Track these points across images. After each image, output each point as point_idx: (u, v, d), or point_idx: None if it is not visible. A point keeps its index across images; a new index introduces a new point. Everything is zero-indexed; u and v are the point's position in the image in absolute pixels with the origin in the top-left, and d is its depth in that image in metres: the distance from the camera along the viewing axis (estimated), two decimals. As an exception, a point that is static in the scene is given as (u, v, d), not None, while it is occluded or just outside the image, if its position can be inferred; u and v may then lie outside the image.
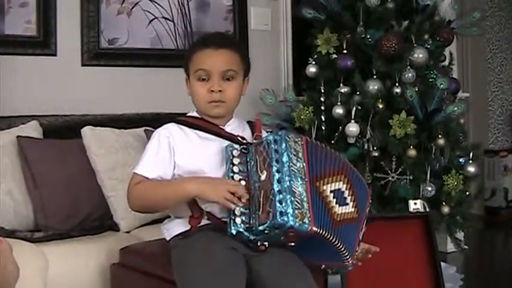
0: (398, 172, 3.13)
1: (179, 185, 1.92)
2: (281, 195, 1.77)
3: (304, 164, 1.84)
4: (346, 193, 1.90)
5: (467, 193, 3.32)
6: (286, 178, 1.78)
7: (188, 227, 1.94)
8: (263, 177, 1.82)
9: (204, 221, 1.94)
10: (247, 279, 1.83)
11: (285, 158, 1.81)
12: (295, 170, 1.81)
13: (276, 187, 1.78)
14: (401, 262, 2.67)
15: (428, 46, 3.32)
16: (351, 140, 3.18)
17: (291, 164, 1.81)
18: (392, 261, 2.65)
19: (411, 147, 3.14)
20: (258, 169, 1.85)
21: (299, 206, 1.76)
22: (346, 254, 1.87)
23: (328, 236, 1.80)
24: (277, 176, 1.79)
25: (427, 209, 2.82)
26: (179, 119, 2.05)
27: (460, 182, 3.16)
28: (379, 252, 2.12)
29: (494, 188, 5.47)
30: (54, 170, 2.78)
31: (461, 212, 3.29)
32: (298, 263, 1.92)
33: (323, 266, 2.05)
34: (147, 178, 1.93)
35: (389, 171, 3.14)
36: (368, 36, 3.26)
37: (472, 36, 4.00)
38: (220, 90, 1.97)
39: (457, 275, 3.50)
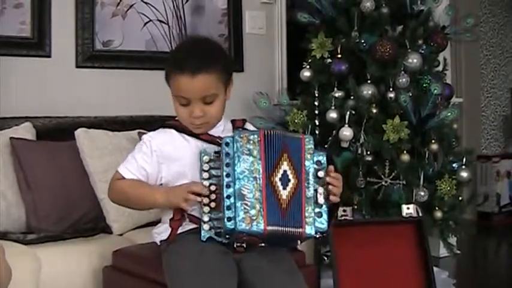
0: (391, 177, 3.14)
1: (150, 193, 1.95)
2: (229, 201, 1.77)
3: (260, 162, 1.81)
4: (289, 171, 1.84)
5: (460, 198, 3.32)
6: (236, 181, 1.78)
7: (178, 232, 1.93)
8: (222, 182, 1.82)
9: (193, 225, 1.92)
10: (238, 280, 1.84)
11: (236, 160, 1.80)
12: (247, 171, 1.79)
13: (225, 192, 1.78)
14: (394, 266, 2.67)
15: (422, 51, 3.33)
16: (345, 145, 3.19)
17: (242, 165, 1.79)
18: (385, 265, 2.65)
19: (404, 152, 3.15)
20: (221, 174, 1.84)
21: (247, 209, 1.75)
22: (297, 231, 1.81)
23: (282, 229, 1.78)
24: (226, 180, 1.79)
25: (420, 214, 2.82)
26: (167, 123, 2.04)
27: (453, 187, 3.17)
28: (373, 256, 2.12)
29: (486, 194, 5.49)
30: (47, 172, 2.77)
31: (454, 217, 3.30)
32: (289, 263, 1.93)
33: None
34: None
35: (382, 176, 3.14)
36: (362, 41, 3.27)
37: (466, 41, 4.01)
38: (202, 115, 1.93)
39: (449, 279, 3.51)
